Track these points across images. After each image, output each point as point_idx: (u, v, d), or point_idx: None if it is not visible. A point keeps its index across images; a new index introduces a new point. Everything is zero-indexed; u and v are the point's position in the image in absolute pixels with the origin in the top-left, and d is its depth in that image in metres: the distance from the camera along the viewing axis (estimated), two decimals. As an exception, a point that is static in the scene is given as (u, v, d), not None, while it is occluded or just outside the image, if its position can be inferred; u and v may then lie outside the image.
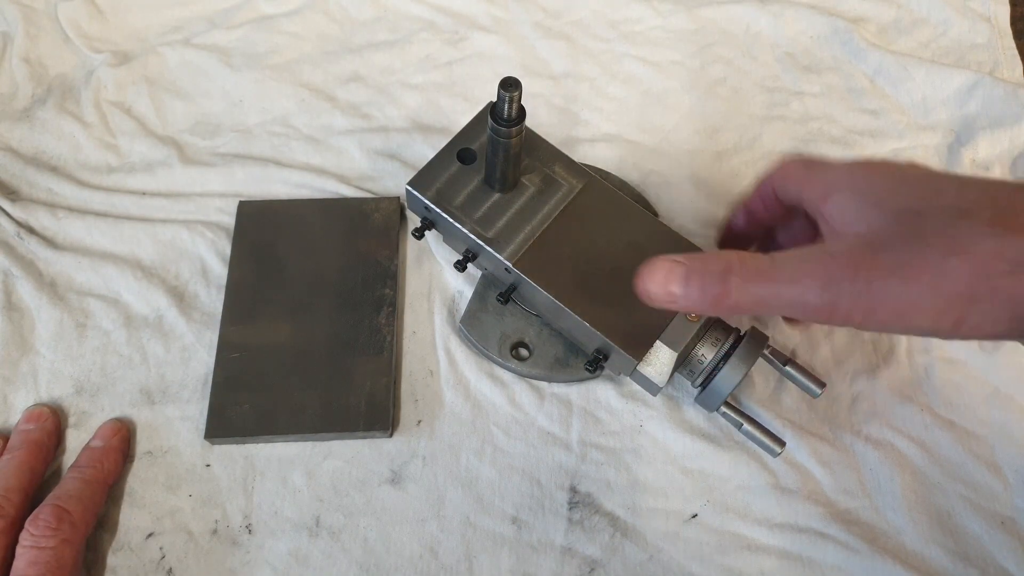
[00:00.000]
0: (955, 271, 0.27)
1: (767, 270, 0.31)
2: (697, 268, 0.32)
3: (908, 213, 0.29)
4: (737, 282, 0.31)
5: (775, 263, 0.31)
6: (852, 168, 0.33)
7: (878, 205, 0.30)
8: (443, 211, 0.41)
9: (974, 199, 0.28)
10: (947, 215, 0.28)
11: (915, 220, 0.29)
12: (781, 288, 0.31)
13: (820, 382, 0.40)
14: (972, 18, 0.59)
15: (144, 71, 0.54)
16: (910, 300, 0.28)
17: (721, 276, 0.31)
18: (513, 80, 0.35)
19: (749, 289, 0.31)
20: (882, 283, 0.28)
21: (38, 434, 0.40)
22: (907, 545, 0.41)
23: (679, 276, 0.32)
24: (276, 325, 0.44)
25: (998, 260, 0.27)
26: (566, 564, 0.40)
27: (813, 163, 0.36)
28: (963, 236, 0.27)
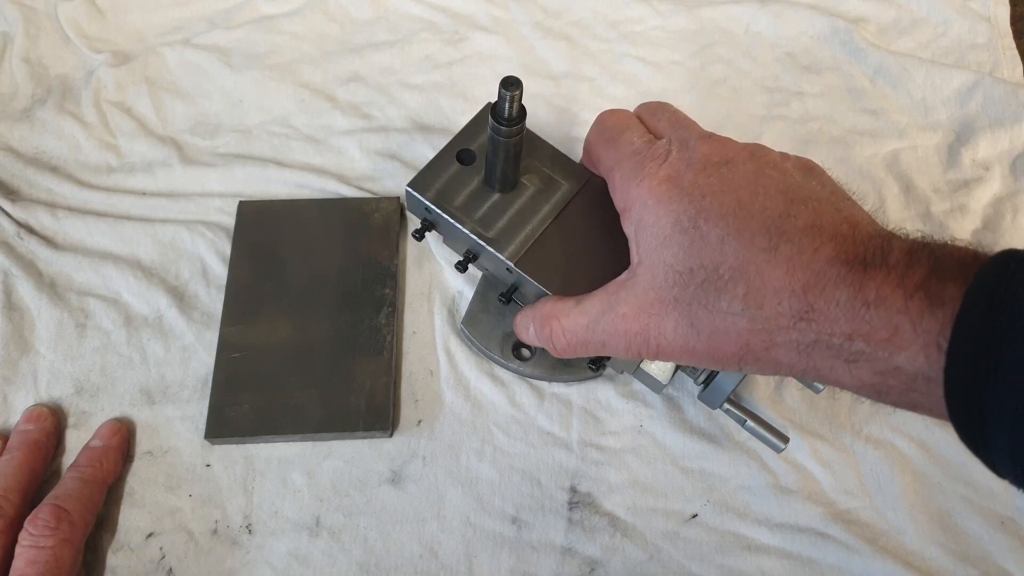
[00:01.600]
0: (722, 347, 0.31)
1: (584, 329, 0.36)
2: (535, 327, 0.38)
3: (681, 273, 0.32)
4: (560, 336, 0.37)
5: (591, 324, 0.35)
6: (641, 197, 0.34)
7: (656, 255, 0.33)
8: (443, 212, 0.41)
9: (731, 268, 0.31)
10: (710, 288, 0.31)
11: (687, 283, 0.32)
12: (593, 346, 0.36)
13: None
14: (972, 18, 0.59)
15: (144, 71, 0.54)
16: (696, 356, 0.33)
17: (548, 335, 0.37)
18: (514, 79, 0.35)
19: (570, 346, 0.37)
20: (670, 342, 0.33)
21: (37, 434, 0.40)
22: (907, 545, 0.41)
23: (522, 329, 0.40)
24: (276, 325, 0.44)
25: (754, 339, 0.30)
26: (566, 564, 0.40)
27: (613, 153, 0.37)
28: (724, 319, 0.31)
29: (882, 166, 0.52)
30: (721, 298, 0.31)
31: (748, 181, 0.32)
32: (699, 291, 0.31)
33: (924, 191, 0.51)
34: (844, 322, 0.28)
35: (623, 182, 0.36)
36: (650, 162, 0.35)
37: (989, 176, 0.52)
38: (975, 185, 0.51)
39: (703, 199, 0.32)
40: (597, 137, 0.39)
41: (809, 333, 0.29)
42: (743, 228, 0.31)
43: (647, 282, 0.33)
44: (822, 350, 0.29)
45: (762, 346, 0.30)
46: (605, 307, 0.35)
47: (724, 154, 0.34)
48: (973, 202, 0.51)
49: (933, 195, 0.51)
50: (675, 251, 0.32)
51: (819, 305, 0.29)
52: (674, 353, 0.33)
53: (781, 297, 0.29)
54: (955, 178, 0.52)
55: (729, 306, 0.31)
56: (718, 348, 0.31)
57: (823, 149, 0.53)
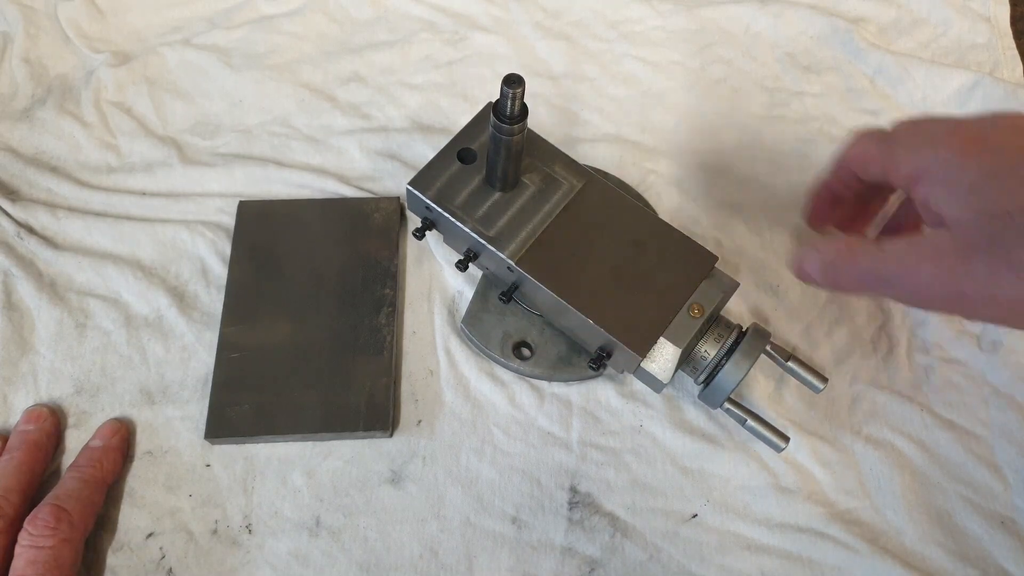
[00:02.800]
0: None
1: (879, 259, 0.34)
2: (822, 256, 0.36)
3: (995, 217, 0.30)
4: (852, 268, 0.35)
5: (885, 253, 0.33)
6: (942, 155, 0.33)
7: (966, 203, 0.31)
8: (444, 210, 0.41)
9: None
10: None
11: (1002, 228, 0.30)
12: (887, 277, 0.34)
13: (822, 377, 0.40)
14: (972, 18, 0.59)
15: (144, 71, 0.54)
16: (999, 306, 0.31)
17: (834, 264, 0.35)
18: (516, 77, 0.35)
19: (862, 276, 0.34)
20: (976, 289, 0.30)
21: (37, 435, 0.40)
22: (907, 545, 0.41)
23: (808, 259, 0.36)
24: (276, 325, 0.44)
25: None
26: (566, 564, 0.40)
27: (891, 142, 0.36)
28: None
29: (882, 166, 0.52)
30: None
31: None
32: (1018, 233, 0.29)
33: (924, 191, 0.51)
34: None
35: (912, 150, 0.34)
36: (939, 126, 0.34)
37: None
38: (975, 185, 0.51)
39: (1013, 151, 0.31)
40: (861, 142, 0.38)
41: None
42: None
43: (960, 228, 0.31)
44: None
45: None
46: (911, 247, 0.33)
47: (992, 118, 0.33)
48: (973, 202, 0.51)
49: (933, 195, 0.51)
50: (989, 196, 0.30)
51: None
52: (982, 301, 0.31)
53: None
54: (955, 178, 0.52)
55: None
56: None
57: (823, 149, 0.53)
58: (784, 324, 0.46)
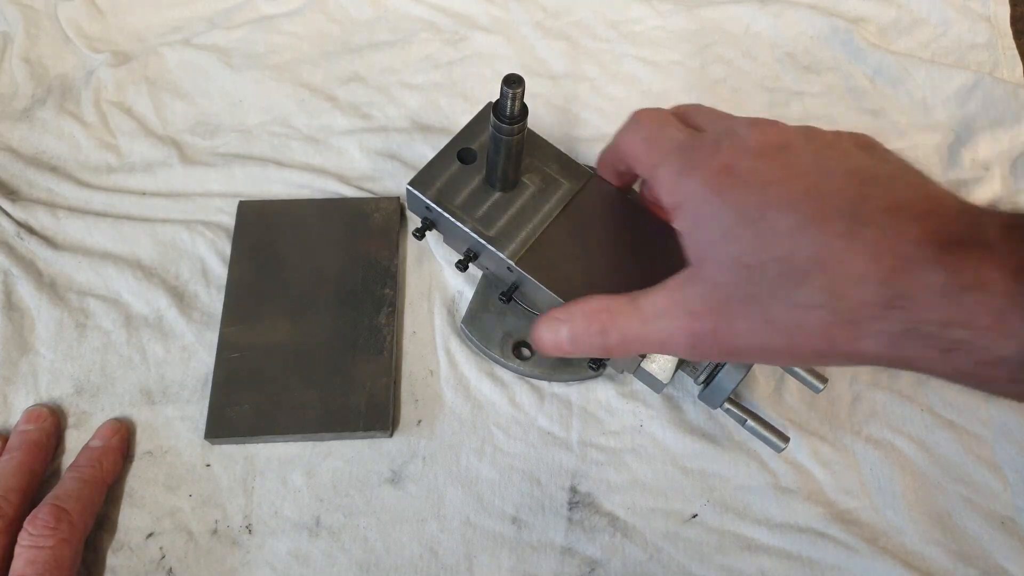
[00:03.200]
0: (801, 345, 0.29)
1: (640, 328, 0.33)
2: (576, 324, 0.35)
3: (748, 267, 0.30)
4: (616, 338, 0.34)
5: (645, 320, 0.33)
6: (697, 191, 0.32)
7: (719, 251, 0.31)
8: (444, 210, 0.41)
9: (807, 258, 0.28)
10: (785, 283, 0.29)
11: (756, 278, 0.29)
12: (652, 345, 0.34)
13: (822, 377, 0.40)
14: (972, 18, 0.59)
15: (144, 71, 0.54)
16: (766, 354, 0.31)
17: (601, 334, 0.34)
18: (516, 77, 0.35)
19: (628, 346, 0.34)
20: (739, 342, 0.30)
21: (37, 435, 0.40)
22: (907, 545, 0.41)
23: (547, 330, 0.36)
24: (276, 325, 0.44)
25: (838, 333, 0.28)
26: (566, 564, 0.40)
27: (658, 151, 0.35)
28: (801, 313, 0.28)
29: (882, 166, 0.52)
30: (799, 291, 0.28)
31: (810, 164, 0.30)
32: (773, 285, 0.29)
33: (924, 191, 0.51)
34: (939, 308, 0.26)
35: (671, 177, 0.33)
36: (699, 152, 0.32)
37: (989, 176, 0.52)
38: (975, 185, 0.51)
39: (767, 187, 0.30)
40: (633, 135, 0.37)
41: (899, 322, 0.27)
42: (816, 215, 0.28)
43: (714, 279, 0.31)
44: (914, 339, 0.27)
45: (847, 339, 0.28)
46: (668, 305, 0.32)
47: (779, 138, 0.32)
48: (973, 202, 0.51)
49: (933, 195, 0.51)
50: (742, 245, 0.30)
51: (909, 291, 0.26)
52: (747, 352, 0.31)
53: (866, 285, 0.27)
54: (955, 178, 0.52)
55: (809, 299, 0.28)
56: (799, 345, 0.29)
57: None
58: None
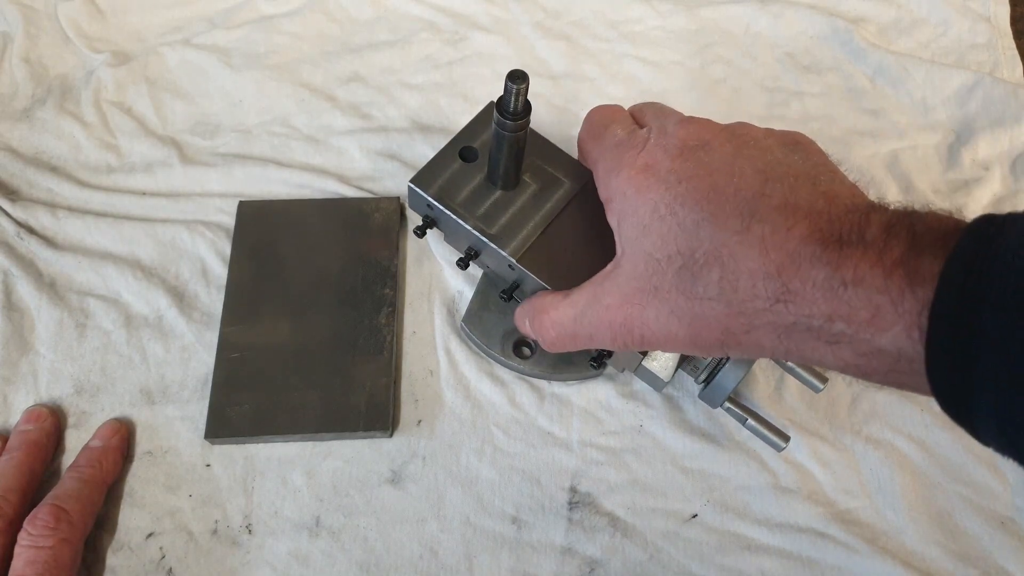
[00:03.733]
0: (702, 335, 0.31)
1: (571, 322, 0.36)
2: (529, 319, 0.39)
3: (657, 261, 0.32)
4: (549, 330, 0.37)
5: (571, 306, 0.36)
6: (621, 188, 0.34)
7: (636, 245, 0.33)
8: (445, 208, 0.41)
9: (706, 253, 0.30)
10: (686, 274, 0.31)
11: (664, 275, 0.32)
12: (581, 340, 0.36)
13: (823, 377, 0.40)
14: (972, 18, 0.59)
15: (144, 71, 0.54)
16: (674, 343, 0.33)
17: (539, 326, 0.38)
18: (520, 73, 0.35)
19: (561, 335, 0.37)
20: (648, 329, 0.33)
21: (37, 435, 0.40)
22: (907, 545, 0.41)
23: (520, 323, 0.40)
24: (276, 325, 0.44)
25: (733, 323, 0.30)
26: (566, 564, 0.40)
27: (598, 147, 0.37)
28: (701, 305, 0.31)
29: (882, 166, 0.52)
30: (697, 283, 0.30)
31: (725, 163, 0.32)
32: (676, 278, 0.31)
33: (924, 191, 0.51)
34: (822, 303, 0.27)
35: (605, 174, 0.36)
36: (629, 151, 0.35)
37: (989, 176, 0.52)
38: (975, 185, 0.51)
39: (679, 185, 0.32)
40: (585, 132, 0.40)
41: (787, 315, 0.28)
42: (717, 211, 0.30)
43: (629, 272, 0.33)
44: (802, 332, 0.28)
45: (742, 330, 0.30)
46: (591, 299, 0.35)
47: (701, 136, 0.34)
48: (973, 202, 0.51)
49: (933, 195, 0.51)
50: (653, 239, 0.32)
51: (795, 286, 0.28)
52: (657, 341, 0.33)
53: (756, 279, 0.29)
54: (955, 178, 0.52)
55: (705, 291, 0.30)
56: (699, 334, 0.31)
57: (823, 149, 0.53)
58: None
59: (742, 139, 0.34)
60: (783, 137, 0.34)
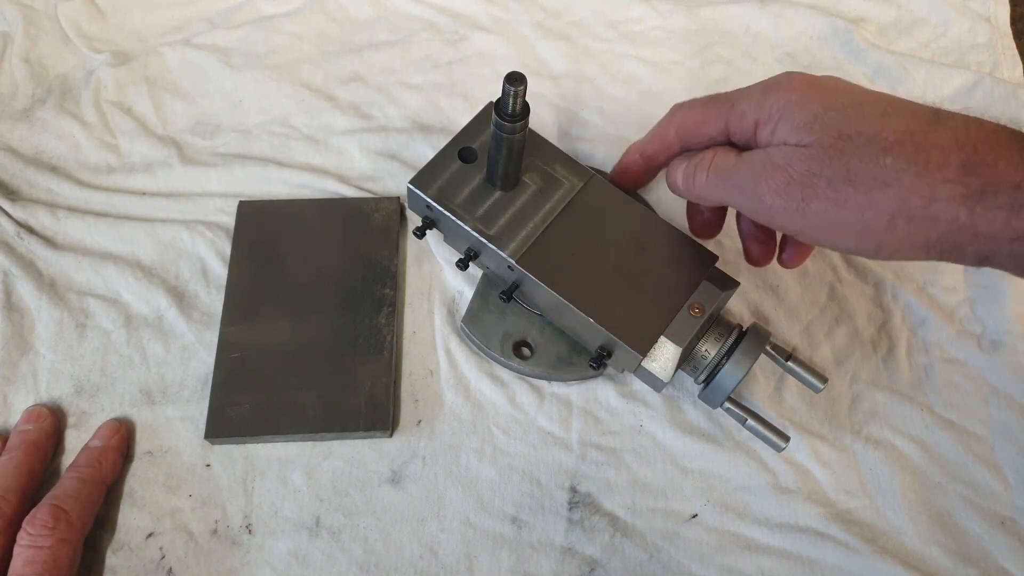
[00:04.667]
0: (878, 204, 0.32)
1: (729, 168, 0.37)
2: (688, 163, 0.39)
3: (839, 138, 0.33)
4: (703, 176, 0.38)
5: (740, 162, 0.36)
6: (782, 98, 0.35)
7: (811, 129, 0.34)
8: (445, 209, 0.41)
9: (897, 132, 0.32)
10: (872, 148, 0.32)
11: (845, 149, 0.32)
12: (734, 189, 0.36)
13: (822, 377, 0.40)
14: (972, 18, 0.59)
15: (144, 71, 0.54)
16: (838, 223, 0.33)
17: (696, 168, 0.38)
18: (519, 75, 0.35)
19: (712, 183, 0.37)
20: (817, 204, 0.33)
21: (36, 435, 0.40)
22: (907, 545, 0.41)
23: (675, 168, 0.40)
24: (276, 325, 0.44)
25: (915, 196, 0.31)
26: (566, 564, 0.40)
27: (730, 102, 0.38)
28: (886, 173, 0.32)
29: (882, 166, 0.52)
30: (887, 157, 0.32)
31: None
32: (863, 150, 0.32)
33: (924, 191, 0.51)
34: (1014, 172, 0.30)
35: (755, 98, 0.36)
36: (777, 80, 0.36)
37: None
38: (975, 185, 0.51)
39: (851, 91, 0.34)
40: (690, 106, 0.40)
41: (975, 184, 0.30)
42: (902, 109, 0.33)
43: (809, 143, 0.33)
44: (986, 200, 0.30)
45: (922, 201, 0.31)
46: (763, 155, 0.35)
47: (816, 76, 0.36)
48: (973, 202, 0.51)
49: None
50: (834, 120, 0.33)
51: (988, 159, 0.30)
52: (823, 214, 0.33)
53: (949, 154, 0.31)
54: (955, 178, 0.52)
55: (895, 164, 0.31)
56: (874, 203, 0.32)
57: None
58: (784, 324, 0.46)
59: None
60: None
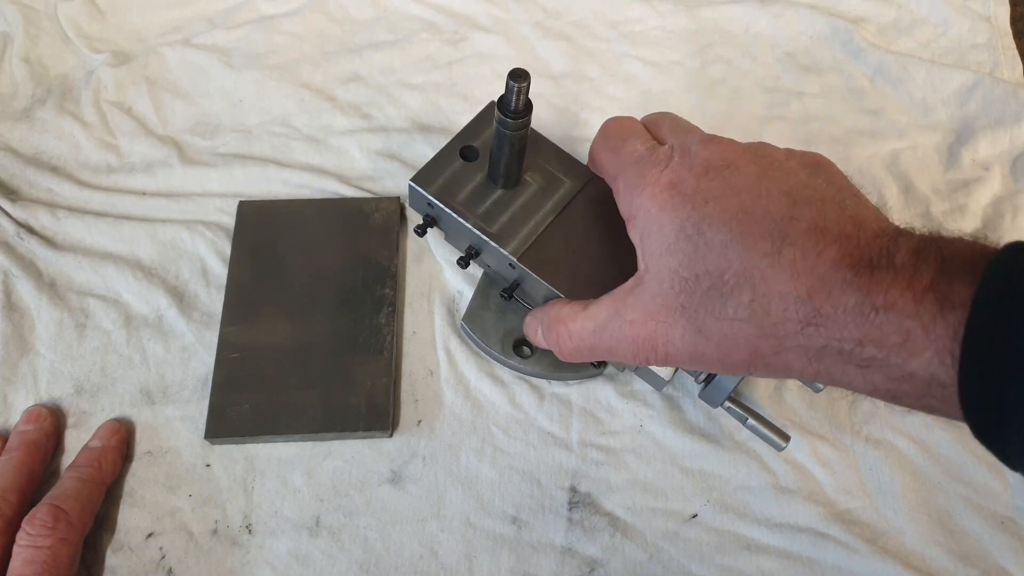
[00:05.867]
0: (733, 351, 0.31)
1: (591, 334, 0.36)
2: (543, 329, 0.38)
3: (685, 279, 0.32)
4: (566, 341, 0.37)
5: (596, 328, 0.35)
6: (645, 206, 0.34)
7: (662, 262, 0.33)
8: (446, 206, 0.41)
9: (736, 274, 0.30)
10: (716, 291, 0.31)
11: (692, 289, 0.31)
12: (600, 352, 0.36)
13: None
14: (972, 18, 0.59)
15: (144, 71, 0.54)
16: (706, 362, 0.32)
17: (555, 337, 0.37)
18: (522, 71, 0.35)
19: (577, 351, 0.37)
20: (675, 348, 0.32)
21: (36, 434, 0.40)
22: (907, 545, 0.41)
23: (531, 331, 0.40)
24: (276, 325, 0.44)
25: (763, 344, 0.30)
26: (566, 564, 0.40)
27: (617, 160, 0.37)
28: (732, 324, 0.30)
29: (882, 166, 0.52)
30: (727, 304, 0.30)
31: (751, 184, 0.32)
32: (705, 297, 0.31)
33: (924, 191, 0.51)
34: (853, 327, 0.28)
35: (627, 190, 0.35)
36: (652, 168, 0.34)
37: (989, 176, 0.52)
38: (975, 185, 0.51)
39: (706, 205, 0.32)
40: (601, 144, 0.39)
41: (818, 339, 0.29)
42: (746, 233, 0.30)
43: (654, 289, 0.33)
44: (832, 355, 0.29)
45: (771, 351, 0.30)
46: (612, 313, 0.34)
47: (726, 157, 0.33)
48: (973, 202, 0.51)
49: (933, 195, 0.51)
50: (680, 258, 0.32)
51: (826, 310, 0.28)
52: (683, 359, 0.33)
53: (787, 303, 0.29)
54: (955, 178, 0.52)
55: (736, 312, 0.30)
56: (728, 354, 0.31)
57: (823, 149, 0.52)
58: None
59: (766, 160, 0.33)
60: (804, 158, 0.34)
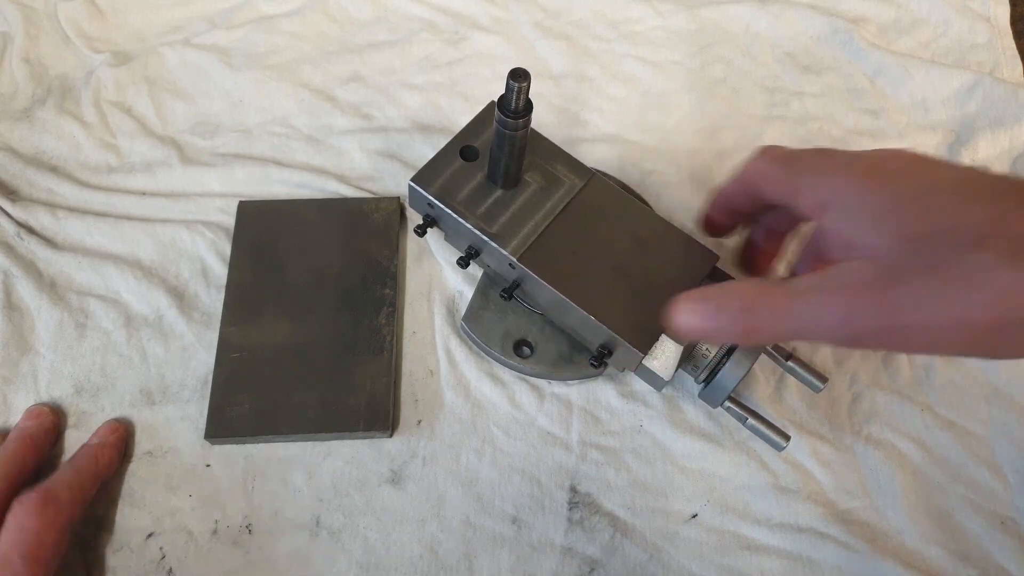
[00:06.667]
0: (979, 307, 0.27)
1: (787, 303, 0.31)
2: (723, 304, 0.32)
3: (914, 239, 0.29)
4: (764, 316, 0.31)
5: (794, 294, 0.31)
6: (846, 184, 0.32)
7: (879, 228, 0.30)
8: (446, 206, 0.41)
9: (981, 222, 0.28)
10: (957, 244, 0.28)
11: (924, 248, 0.28)
12: (802, 321, 0.31)
13: (822, 377, 0.40)
14: (972, 18, 0.59)
15: (144, 71, 0.54)
16: (937, 332, 0.28)
17: (744, 311, 0.32)
18: (522, 71, 0.35)
19: (775, 323, 0.31)
20: (906, 316, 0.28)
21: (34, 429, 0.40)
22: (907, 545, 0.41)
23: (708, 313, 0.33)
24: (276, 325, 0.44)
25: (1018, 294, 0.27)
26: (566, 564, 0.40)
27: (795, 169, 0.34)
28: (980, 272, 0.27)
29: (882, 166, 0.52)
30: (975, 255, 0.27)
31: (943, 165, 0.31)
32: (946, 251, 0.28)
33: (924, 191, 0.51)
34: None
35: (815, 180, 0.33)
36: (839, 159, 0.33)
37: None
38: (975, 185, 0.51)
39: (916, 177, 0.30)
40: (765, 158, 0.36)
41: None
42: (977, 193, 0.28)
43: (873, 256, 0.30)
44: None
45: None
46: (821, 281, 0.31)
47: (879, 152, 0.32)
48: (973, 202, 0.51)
49: (933, 195, 0.51)
50: (904, 221, 0.29)
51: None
52: (911, 330, 0.29)
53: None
54: (955, 178, 0.52)
55: (986, 260, 0.27)
56: (970, 310, 0.27)
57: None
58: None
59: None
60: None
